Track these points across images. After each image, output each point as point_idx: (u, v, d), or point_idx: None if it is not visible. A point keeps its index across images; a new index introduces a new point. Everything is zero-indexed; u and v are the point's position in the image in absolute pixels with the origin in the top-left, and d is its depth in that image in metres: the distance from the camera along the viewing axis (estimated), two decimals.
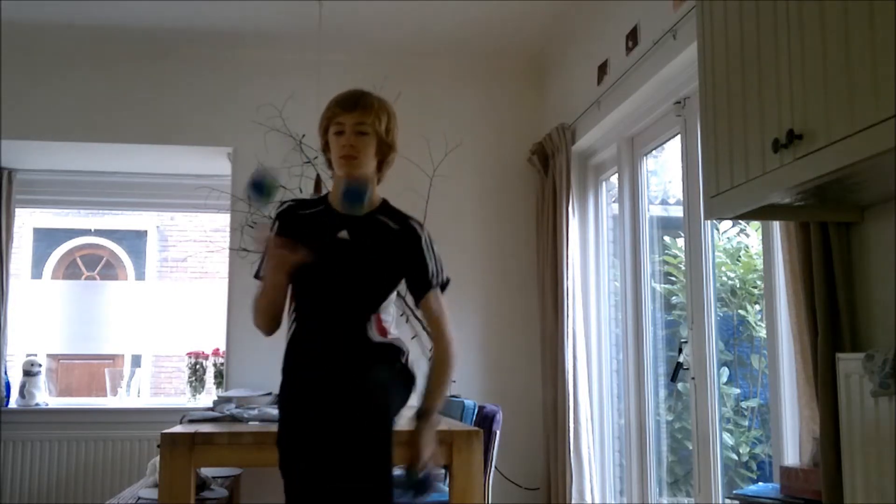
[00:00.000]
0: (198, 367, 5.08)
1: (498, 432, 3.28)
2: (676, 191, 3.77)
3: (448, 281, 2.31)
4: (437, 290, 2.26)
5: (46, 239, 7.43)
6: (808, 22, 1.76)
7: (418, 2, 4.14)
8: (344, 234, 2.21)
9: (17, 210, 5.00)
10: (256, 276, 2.25)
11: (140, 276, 7.82)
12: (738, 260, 3.77)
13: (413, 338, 4.19)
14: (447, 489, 2.87)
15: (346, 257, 2.19)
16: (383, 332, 2.20)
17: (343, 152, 2.19)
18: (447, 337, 2.25)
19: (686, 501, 3.70)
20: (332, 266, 2.18)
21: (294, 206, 2.32)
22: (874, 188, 1.93)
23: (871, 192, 1.98)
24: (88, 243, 7.78)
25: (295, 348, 2.21)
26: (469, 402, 3.42)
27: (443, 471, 3.42)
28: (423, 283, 2.25)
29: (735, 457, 3.50)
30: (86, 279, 7.69)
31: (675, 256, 3.82)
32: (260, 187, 2.21)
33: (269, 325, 2.23)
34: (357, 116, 2.18)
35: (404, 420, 2.23)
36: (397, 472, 2.08)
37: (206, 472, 3.46)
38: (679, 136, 3.42)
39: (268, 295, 2.19)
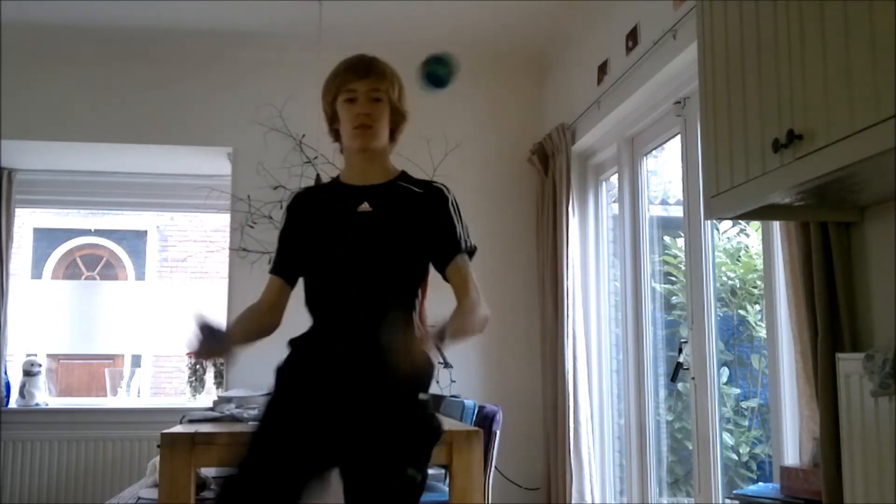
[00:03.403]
0: (198, 367, 5.08)
1: (498, 432, 3.28)
2: (676, 191, 3.77)
3: (475, 249, 2.09)
4: (465, 255, 2.04)
5: (46, 239, 7.43)
6: (808, 22, 1.76)
7: (418, 2, 4.13)
8: (365, 206, 2.00)
9: (17, 210, 4.99)
10: (273, 272, 2.08)
11: (140, 276, 7.82)
12: (738, 260, 3.77)
13: None
14: (447, 489, 2.87)
15: (372, 231, 1.98)
16: (424, 318, 2.01)
17: (358, 122, 1.99)
18: (481, 301, 1.98)
19: (686, 501, 3.70)
20: (356, 242, 1.97)
21: (304, 193, 2.13)
22: (874, 188, 1.93)
23: (871, 192, 1.98)
24: (88, 243, 7.78)
25: (316, 345, 1.96)
26: (469, 402, 3.42)
27: (442, 470, 3.42)
28: (451, 246, 2.02)
29: (735, 457, 3.50)
30: (86, 279, 7.69)
31: (675, 256, 3.82)
32: (439, 67, 2.00)
33: (264, 333, 2.03)
34: (371, 82, 2.00)
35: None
36: None
37: (206, 472, 3.46)
38: (679, 136, 3.42)
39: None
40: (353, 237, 1.97)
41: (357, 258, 1.96)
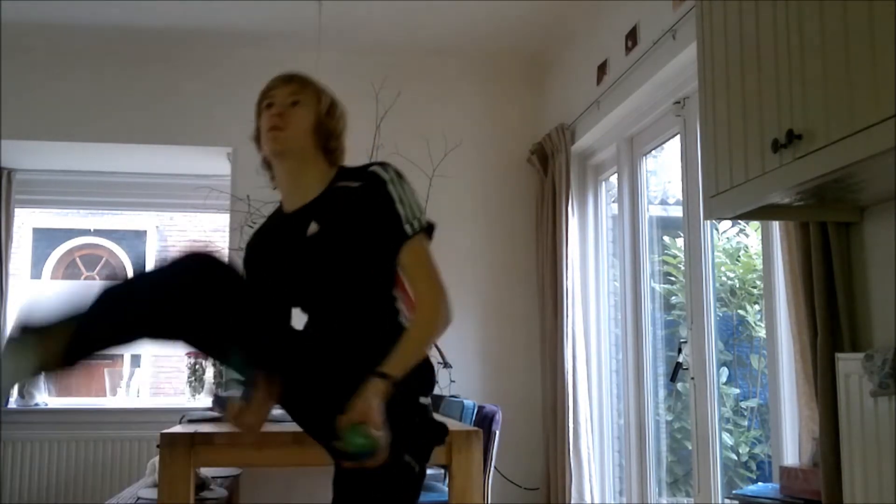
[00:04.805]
0: (197, 367, 5.07)
1: (497, 432, 3.28)
2: (676, 191, 3.77)
3: (432, 226, 1.86)
4: (418, 237, 1.82)
5: (46, 239, 7.43)
6: (808, 22, 1.76)
7: (418, 2, 4.13)
8: (314, 227, 1.81)
9: (16, 210, 4.99)
10: None
11: None
12: (737, 260, 3.77)
13: None
14: (447, 489, 2.87)
15: (323, 252, 1.80)
16: (412, 304, 1.81)
17: (270, 123, 1.83)
18: (436, 289, 1.78)
19: (686, 501, 3.70)
20: (311, 270, 1.82)
21: (259, 230, 1.98)
22: (874, 188, 1.93)
23: (871, 192, 1.98)
24: (88, 243, 7.78)
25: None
26: (469, 402, 3.42)
27: (442, 470, 3.42)
28: (396, 237, 1.80)
29: (735, 457, 3.50)
30: (85, 279, 7.69)
31: (675, 256, 3.82)
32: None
33: None
34: (291, 87, 1.89)
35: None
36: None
37: (206, 472, 3.46)
38: (678, 136, 3.43)
39: None
40: (306, 264, 1.82)
41: (313, 287, 1.84)
